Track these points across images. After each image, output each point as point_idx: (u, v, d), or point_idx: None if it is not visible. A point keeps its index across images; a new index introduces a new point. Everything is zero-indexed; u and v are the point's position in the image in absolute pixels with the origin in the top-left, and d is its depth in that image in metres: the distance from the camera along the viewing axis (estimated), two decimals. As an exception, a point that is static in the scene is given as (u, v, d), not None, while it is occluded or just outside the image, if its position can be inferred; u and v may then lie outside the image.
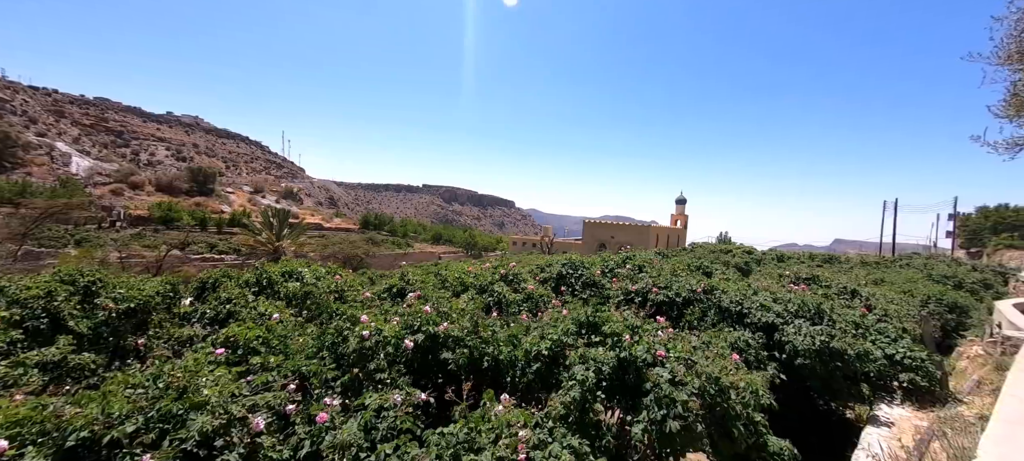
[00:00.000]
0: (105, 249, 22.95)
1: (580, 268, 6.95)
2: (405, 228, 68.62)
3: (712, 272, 8.10)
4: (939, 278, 13.31)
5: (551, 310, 5.50)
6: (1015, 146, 6.23)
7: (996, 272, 19.43)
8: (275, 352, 2.76)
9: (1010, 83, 5.73)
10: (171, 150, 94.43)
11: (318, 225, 59.04)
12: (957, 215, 32.80)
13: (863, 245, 70.09)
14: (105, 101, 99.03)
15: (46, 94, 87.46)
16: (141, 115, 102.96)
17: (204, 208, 51.35)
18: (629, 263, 7.74)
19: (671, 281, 5.79)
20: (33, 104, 76.01)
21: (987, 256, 27.42)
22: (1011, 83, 5.72)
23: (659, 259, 8.33)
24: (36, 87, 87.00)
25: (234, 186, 68.67)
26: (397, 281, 6.02)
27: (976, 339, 9.58)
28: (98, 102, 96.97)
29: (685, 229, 41.25)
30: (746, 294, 5.05)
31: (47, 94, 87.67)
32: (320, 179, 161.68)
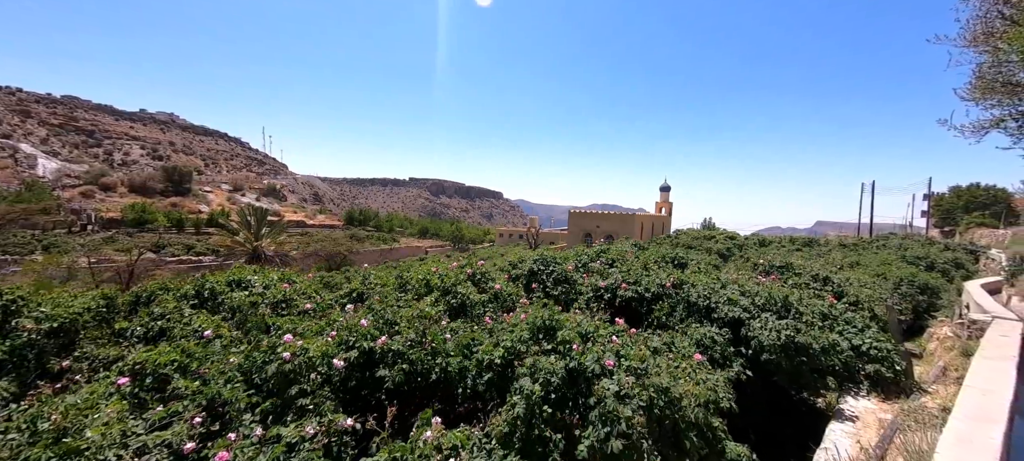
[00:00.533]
0: (72, 255, 22.04)
1: (552, 264, 6.77)
2: (391, 223, 67.84)
3: (686, 263, 8.02)
4: (912, 259, 13.53)
5: (519, 310, 5.33)
6: (981, 129, 6.21)
7: (968, 251, 19.93)
8: (193, 377, 2.51)
9: (976, 65, 5.68)
10: (146, 149, 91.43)
11: (301, 222, 57.94)
12: (931, 195, 33.63)
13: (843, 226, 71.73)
14: (74, 99, 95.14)
15: (9, 93, 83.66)
16: (113, 113, 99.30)
17: (181, 208, 49.91)
18: (603, 257, 7.59)
19: (640, 276, 5.65)
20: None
21: (959, 234, 28.18)
22: (977, 65, 5.67)
23: (633, 252, 8.22)
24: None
25: (212, 185, 66.89)
26: (358, 285, 5.77)
27: (946, 320, 9.74)
28: (66, 101, 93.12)
29: (670, 216, 41.49)
30: (714, 288, 4.94)
31: (10, 93, 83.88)
32: (304, 175, 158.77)
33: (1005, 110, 5.90)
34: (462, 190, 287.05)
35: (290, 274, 5.18)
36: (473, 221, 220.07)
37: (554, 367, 2.81)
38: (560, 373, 2.77)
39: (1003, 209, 25.26)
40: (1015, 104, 5.79)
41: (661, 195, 41.89)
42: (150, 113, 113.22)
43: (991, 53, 5.41)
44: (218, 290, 4.37)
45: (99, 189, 49.27)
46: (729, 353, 4.20)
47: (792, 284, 5.85)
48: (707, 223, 45.71)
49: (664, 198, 41.71)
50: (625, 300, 5.43)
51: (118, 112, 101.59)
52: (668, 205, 41.75)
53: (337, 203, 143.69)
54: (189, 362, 2.64)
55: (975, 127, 6.25)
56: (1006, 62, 5.34)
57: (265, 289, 4.74)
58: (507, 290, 6.25)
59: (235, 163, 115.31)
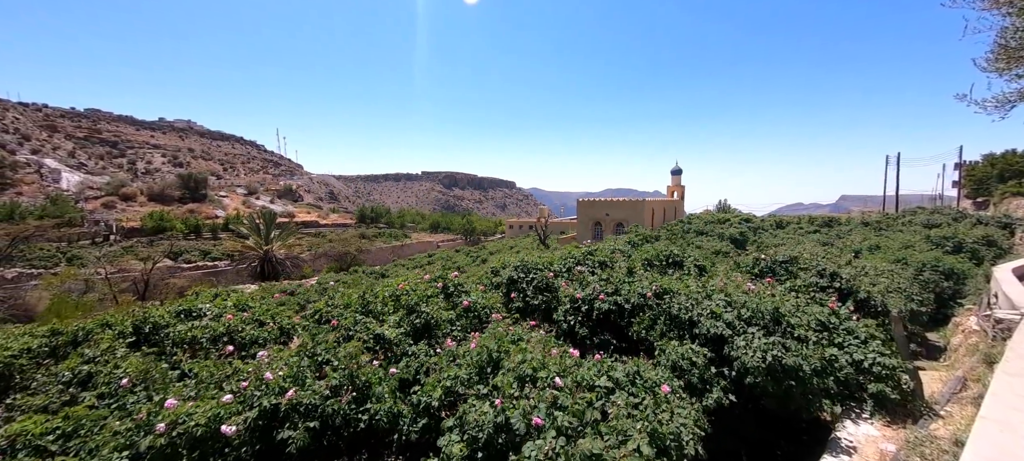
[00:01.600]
0: (89, 267, 22.68)
1: (532, 271, 6.37)
2: (402, 219, 68.20)
3: (683, 261, 7.49)
4: (938, 239, 12.60)
5: (492, 326, 4.98)
6: (1006, 103, 5.46)
7: (1002, 225, 18.58)
8: (75, 451, 2.26)
9: (999, 30, 4.94)
10: (167, 156, 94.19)
11: (314, 223, 58.76)
12: (962, 164, 31.66)
13: (868, 200, 68.88)
14: (96, 112, 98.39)
15: (37, 109, 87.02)
16: (134, 123, 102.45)
17: (197, 214, 51.13)
18: (590, 259, 7.16)
19: (621, 284, 5.22)
20: (24, 120, 75.64)
21: (994, 205, 26.43)
22: (1000, 30, 4.93)
23: (623, 254, 7.73)
24: (26, 103, 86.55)
25: (228, 189, 68.39)
26: (323, 306, 5.49)
27: (974, 308, 8.97)
28: (89, 114, 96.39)
29: (682, 199, 40.35)
30: (698, 299, 4.48)
31: (38, 109, 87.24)
32: (319, 174, 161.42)
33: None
34: (475, 181, 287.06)
35: (246, 299, 4.92)
36: (487, 212, 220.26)
37: (483, 421, 2.45)
38: (488, 429, 2.41)
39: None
40: (1046, 72, 5.06)
41: (673, 179, 40.73)
42: (169, 121, 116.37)
43: (1016, 14, 4.67)
44: (161, 323, 4.14)
45: (120, 199, 50.84)
46: (710, 376, 3.76)
47: (790, 287, 5.32)
48: (722, 205, 44.36)
49: (676, 182, 40.54)
50: (602, 313, 5.01)
51: (138, 122, 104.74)
52: (680, 189, 40.57)
53: (352, 200, 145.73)
54: (75, 428, 2.39)
55: (999, 101, 5.51)
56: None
57: (217, 318, 4.50)
58: (481, 303, 5.90)
59: (252, 166, 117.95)
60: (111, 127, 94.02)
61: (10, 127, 65.20)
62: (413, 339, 4.88)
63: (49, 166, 55.04)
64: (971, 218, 21.22)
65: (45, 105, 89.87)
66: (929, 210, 26.84)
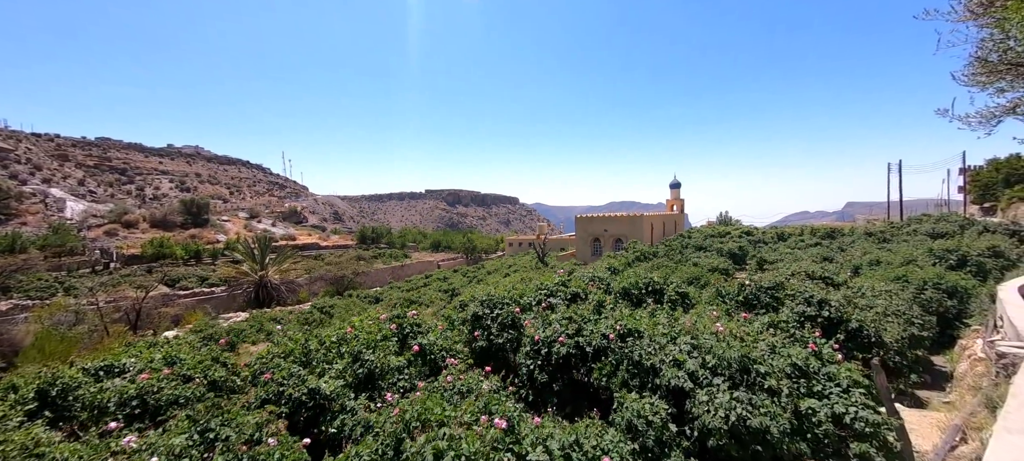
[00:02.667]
0: (80, 297, 22.53)
1: (498, 306, 5.99)
2: (403, 238, 68.12)
3: (664, 289, 7.06)
4: (941, 253, 12.05)
5: (446, 371, 4.59)
6: (991, 118, 5.08)
7: (1010, 232, 17.94)
8: None
9: (976, 42, 4.59)
10: (174, 182, 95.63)
11: (314, 245, 58.80)
12: (967, 169, 31.02)
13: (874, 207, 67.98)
14: (106, 141, 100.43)
15: (49, 140, 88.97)
16: (142, 150, 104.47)
17: (199, 240, 51.33)
18: (563, 291, 6.77)
19: (585, 323, 4.82)
20: (37, 151, 77.28)
21: (1001, 211, 25.73)
22: (977, 42, 4.58)
23: (601, 282, 7.33)
24: (38, 134, 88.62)
25: (230, 213, 68.83)
26: (264, 353, 5.13)
27: (980, 329, 8.42)
28: (100, 142, 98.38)
29: (682, 213, 39.87)
30: (662, 344, 4.07)
31: (50, 140, 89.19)
32: (324, 195, 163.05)
33: (1018, 93, 4.79)
34: (478, 198, 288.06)
35: (175, 352, 4.58)
36: (490, 229, 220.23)
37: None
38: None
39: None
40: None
41: (672, 192, 40.33)
42: (177, 147, 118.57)
43: (995, 26, 4.34)
44: (72, 384, 3.81)
45: (122, 226, 51.24)
46: (669, 437, 3.34)
47: (770, 321, 4.88)
48: (723, 218, 43.82)
49: (675, 195, 40.13)
50: (562, 357, 4.61)
51: (147, 149, 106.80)
52: (680, 202, 40.13)
53: (356, 220, 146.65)
54: None
55: (984, 116, 5.13)
56: (1012, 37, 4.27)
57: (140, 372, 4.16)
58: (439, 344, 5.52)
59: (258, 189, 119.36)
60: (120, 154, 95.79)
61: (22, 157, 66.54)
62: (356, 391, 4.51)
63: (54, 195, 55.82)
64: (978, 225, 20.58)
65: (57, 135, 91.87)
66: (934, 218, 26.18)
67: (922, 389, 7.27)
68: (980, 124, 5.23)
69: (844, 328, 5.80)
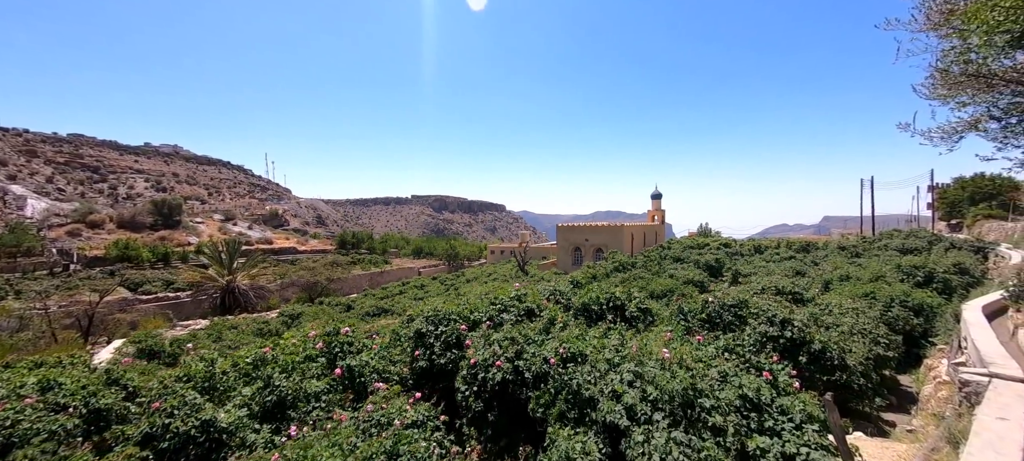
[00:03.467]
0: (25, 301, 21.16)
1: (442, 322, 5.54)
2: (385, 244, 66.95)
3: (626, 306, 6.70)
4: (908, 270, 12.08)
5: (372, 399, 4.11)
6: (953, 134, 4.90)
7: (974, 248, 18.31)
8: None
9: (938, 53, 4.41)
10: (150, 182, 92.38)
11: (292, 249, 57.31)
12: (935, 187, 31.94)
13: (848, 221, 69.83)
14: (79, 137, 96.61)
15: (17, 135, 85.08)
16: (117, 148, 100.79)
17: (169, 242, 49.40)
18: (516, 306, 6.35)
19: (527, 345, 4.42)
20: (2, 146, 73.76)
21: (967, 228, 26.45)
22: (939, 53, 4.40)
23: (558, 296, 6.94)
24: (5, 128, 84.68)
25: (205, 215, 66.64)
26: (168, 375, 4.56)
27: (945, 349, 8.32)
28: (72, 139, 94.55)
29: (663, 224, 40.05)
30: (603, 372, 3.70)
31: (17, 135, 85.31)
32: (307, 198, 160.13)
33: (980, 108, 4.64)
34: (464, 205, 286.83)
35: (56, 376, 3.99)
36: (476, 235, 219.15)
37: None
38: None
39: (1011, 200, 23.63)
40: (992, 100, 4.51)
41: (653, 203, 40.51)
42: (154, 146, 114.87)
43: (956, 35, 4.17)
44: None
45: (86, 226, 49.01)
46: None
47: (725, 345, 4.55)
48: (704, 229, 44.29)
49: (656, 206, 40.32)
50: (498, 383, 4.18)
51: (122, 147, 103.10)
52: (661, 213, 40.34)
53: (340, 224, 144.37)
54: None
55: (945, 132, 4.96)
56: (972, 48, 4.11)
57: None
58: (373, 364, 5.03)
59: (238, 190, 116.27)
60: (93, 152, 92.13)
61: None
62: (263, 421, 3.99)
63: (15, 192, 53.16)
64: (945, 242, 21.01)
65: (26, 130, 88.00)
66: (904, 233, 26.75)
67: (888, 411, 7.08)
68: (942, 140, 5.04)
69: (807, 350, 5.52)
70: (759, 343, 5.58)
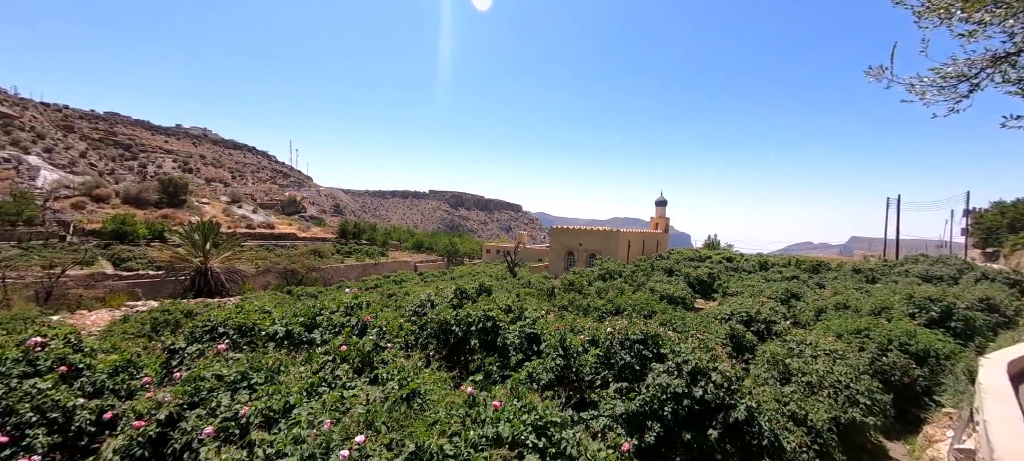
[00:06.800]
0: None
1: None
2: (387, 236, 66.35)
3: (499, 329, 5.03)
4: (921, 302, 9.91)
5: None
6: (961, 80, 2.90)
7: (1011, 282, 15.72)
8: None
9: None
10: (178, 162, 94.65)
11: (292, 235, 57.28)
12: (970, 212, 28.71)
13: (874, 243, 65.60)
14: (115, 115, 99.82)
15: (57, 110, 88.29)
16: (150, 128, 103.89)
17: (169, 220, 49.79)
18: (341, 322, 4.77)
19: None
20: (42, 120, 76.46)
21: (1004, 257, 23.45)
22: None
23: (417, 313, 5.32)
24: (48, 103, 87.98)
25: (211, 196, 67.33)
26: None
27: (953, 413, 6.31)
28: (108, 116, 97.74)
29: (666, 232, 37.71)
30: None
31: (58, 110, 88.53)
32: (327, 187, 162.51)
33: (1015, 25, 2.61)
34: (481, 203, 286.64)
35: None
36: (491, 234, 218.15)
37: None
38: None
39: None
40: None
41: (657, 210, 38.21)
42: (184, 128, 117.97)
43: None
44: None
45: (92, 200, 49.82)
46: None
47: (582, 424, 2.88)
48: (711, 241, 41.75)
49: (660, 213, 38.00)
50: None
51: (154, 127, 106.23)
52: (664, 221, 38.00)
53: (358, 214, 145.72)
54: None
55: (946, 77, 2.91)
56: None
57: None
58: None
59: (261, 176, 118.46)
60: (127, 130, 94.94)
61: (27, 125, 65.56)
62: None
63: (30, 162, 54.59)
64: (977, 271, 18.37)
65: (66, 106, 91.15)
66: (931, 259, 23.92)
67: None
68: (940, 90, 3.08)
69: (723, 420, 3.76)
70: (657, 401, 3.85)
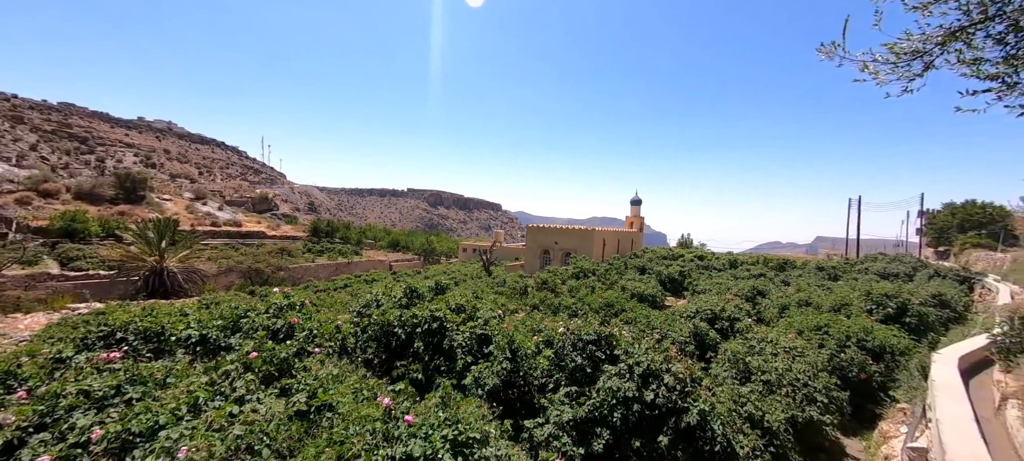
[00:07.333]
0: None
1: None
2: (362, 235, 64.80)
3: (446, 330, 4.70)
4: (879, 298, 10.15)
5: None
6: (914, 57, 2.73)
7: (960, 278, 16.47)
8: None
9: None
10: (140, 156, 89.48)
11: (261, 234, 55.20)
12: (924, 213, 30.19)
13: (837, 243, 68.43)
14: (70, 106, 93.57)
15: (5, 99, 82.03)
16: (109, 120, 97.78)
17: (127, 217, 47.07)
18: (271, 324, 4.33)
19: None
20: None
21: (954, 256, 24.72)
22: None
23: (361, 315, 4.94)
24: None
25: (173, 193, 64.13)
26: None
27: (907, 408, 6.37)
28: (62, 107, 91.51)
29: (641, 231, 38.15)
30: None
31: (5, 99, 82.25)
32: (301, 184, 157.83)
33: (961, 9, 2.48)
34: (460, 201, 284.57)
35: None
36: (470, 232, 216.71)
37: None
38: None
39: (1001, 230, 21.88)
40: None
41: (632, 209, 38.60)
42: (147, 121, 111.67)
43: None
44: None
45: (39, 195, 46.58)
46: None
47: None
48: (685, 240, 42.52)
49: (635, 212, 38.41)
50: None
51: (114, 119, 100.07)
52: (639, 220, 38.44)
53: (333, 212, 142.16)
54: None
55: (899, 54, 2.75)
56: None
57: None
58: None
59: (231, 172, 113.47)
60: (83, 122, 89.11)
61: None
62: None
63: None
64: (929, 269, 19.22)
65: (14, 95, 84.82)
66: (889, 257, 24.96)
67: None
68: (893, 68, 2.92)
69: (674, 425, 3.55)
70: (608, 405, 3.60)
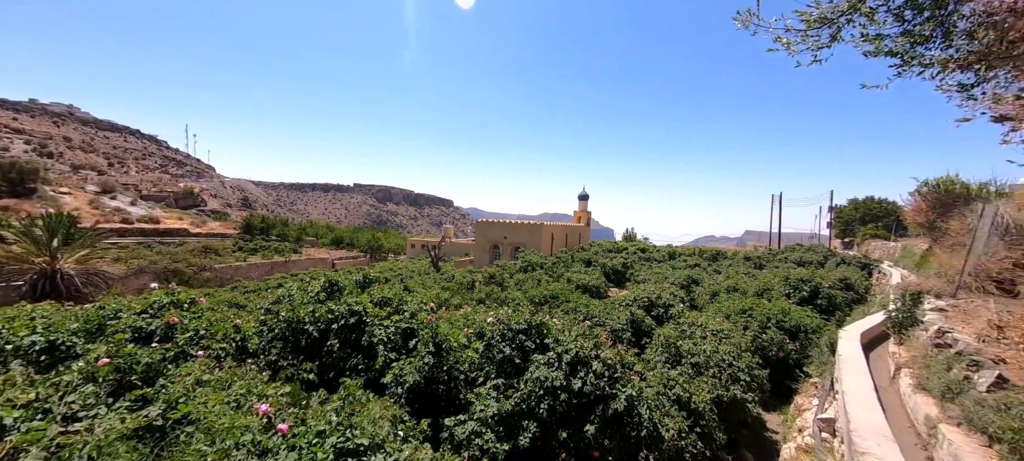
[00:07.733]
0: None
1: None
2: (301, 232, 60.87)
3: (365, 324, 4.32)
4: (795, 283, 11.09)
5: None
6: (823, 25, 2.78)
7: (861, 265, 18.51)
8: None
9: None
10: (33, 145, 77.00)
11: (183, 231, 50.04)
12: (833, 208, 33.87)
13: (762, 236, 74.69)
14: None
15: None
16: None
17: (12, 213, 40.59)
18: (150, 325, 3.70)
19: None
20: None
21: (857, 245, 27.91)
22: None
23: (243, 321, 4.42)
24: None
25: (74, 186, 56.31)
26: None
27: (818, 382, 6.91)
28: None
29: (588, 226, 39.23)
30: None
31: None
32: (234, 178, 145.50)
33: None
34: (410, 197, 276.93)
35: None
36: (421, 229, 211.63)
37: None
38: None
39: (893, 221, 25.14)
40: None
41: (580, 204, 39.58)
42: (41, 103, 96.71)
43: None
44: None
45: None
46: None
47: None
48: (629, 233, 44.20)
49: (582, 207, 39.42)
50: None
51: (1, 101, 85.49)
52: (586, 215, 39.49)
53: (271, 208, 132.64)
54: None
55: (810, 22, 2.85)
56: None
57: None
58: None
59: (148, 163, 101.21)
60: None
61: None
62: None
63: None
64: (837, 257, 21.42)
65: None
66: (804, 248, 27.54)
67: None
68: (803, 38, 3.04)
69: (602, 413, 3.46)
70: (536, 395, 3.44)
